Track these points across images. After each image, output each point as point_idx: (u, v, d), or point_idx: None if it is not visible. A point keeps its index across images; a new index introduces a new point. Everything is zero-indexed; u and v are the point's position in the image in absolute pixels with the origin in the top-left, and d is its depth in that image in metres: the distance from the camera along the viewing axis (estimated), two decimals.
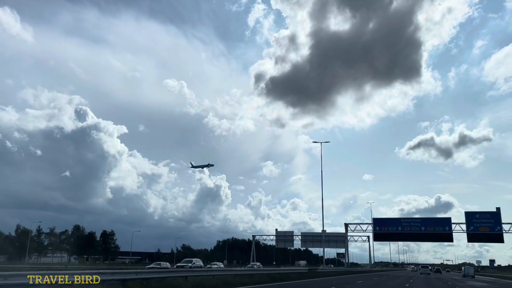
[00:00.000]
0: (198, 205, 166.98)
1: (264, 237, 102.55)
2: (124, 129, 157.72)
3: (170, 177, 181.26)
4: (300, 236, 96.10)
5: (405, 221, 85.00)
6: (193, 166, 56.08)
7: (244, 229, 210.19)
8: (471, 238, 79.57)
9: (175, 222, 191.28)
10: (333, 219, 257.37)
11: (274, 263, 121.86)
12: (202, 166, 60.94)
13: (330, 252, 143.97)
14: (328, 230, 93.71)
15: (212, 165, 65.94)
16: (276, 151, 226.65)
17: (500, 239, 78.20)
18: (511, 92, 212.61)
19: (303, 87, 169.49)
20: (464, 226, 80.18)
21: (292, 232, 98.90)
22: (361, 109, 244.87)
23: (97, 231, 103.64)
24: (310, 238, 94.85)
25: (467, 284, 38.51)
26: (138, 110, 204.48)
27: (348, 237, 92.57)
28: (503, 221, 77.85)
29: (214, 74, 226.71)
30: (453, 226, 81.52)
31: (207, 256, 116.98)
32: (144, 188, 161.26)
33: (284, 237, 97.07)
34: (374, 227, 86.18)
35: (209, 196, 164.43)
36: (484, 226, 78.32)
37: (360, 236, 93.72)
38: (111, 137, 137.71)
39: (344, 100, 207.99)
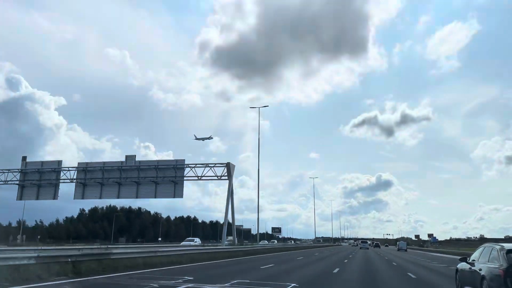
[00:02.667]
0: None
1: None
2: (62, 101, 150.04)
3: (114, 153, 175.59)
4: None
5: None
6: (196, 138, 56.32)
7: (192, 206, 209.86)
8: None
9: (119, 200, 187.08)
10: (280, 197, 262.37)
11: (159, 239, 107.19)
12: (203, 139, 60.97)
13: (265, 228, 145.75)
14: (275, 207, 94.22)
15: (211, 138, 67.13)
16: (225, 128, 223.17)
17: None
18: (451, 72, 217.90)
19: (249, 59, 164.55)
20: None
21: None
22: (308, 84, 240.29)
23: None
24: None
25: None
26: (78, 81, 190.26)
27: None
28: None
29: (159, 44, 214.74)
30: None
31: None
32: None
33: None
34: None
35: None
36: None
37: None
38: (48, 109, 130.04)
39: (291, 74, 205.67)
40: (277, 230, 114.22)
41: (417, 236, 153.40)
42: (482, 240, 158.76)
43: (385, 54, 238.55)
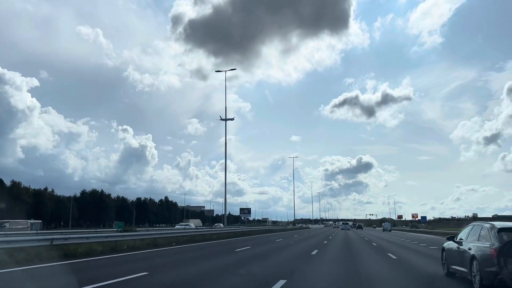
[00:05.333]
0: (122, 166, 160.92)
1: None
2: (35, 82, 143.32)
3: (91, 136, 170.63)
4: None
5: None
6: (221, 119, 56.19)
7: (173, 190, 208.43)
8: None
9: (97, 183, 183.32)
10: (261, 180, 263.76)
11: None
12: (227, 119, 61.51)
13: (233, 210, 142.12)
14: (257, 190, 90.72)
15: (233, 119, 67.42)
16: (205, 111, 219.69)
17: None
18: (434, 48, 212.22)
19: (225, 34, 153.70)
20: None
21: None
22: (288, 62, 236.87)
23: None
24: None
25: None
26: (50, 61, 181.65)
27: None
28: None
29: (133, 22, 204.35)
30: None
31: None
32: (61, 147, 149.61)
33: None
34: None
35: (134, 157, 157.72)
36: None
37: None
38: (19, 91, 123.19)
39: (270, 51, 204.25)
40: (246, 211, 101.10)
41: (400, 217, 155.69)
42: (476, 219, 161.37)
43: (366, 29, 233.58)
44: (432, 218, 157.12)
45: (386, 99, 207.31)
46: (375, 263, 15.28)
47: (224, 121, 53.02)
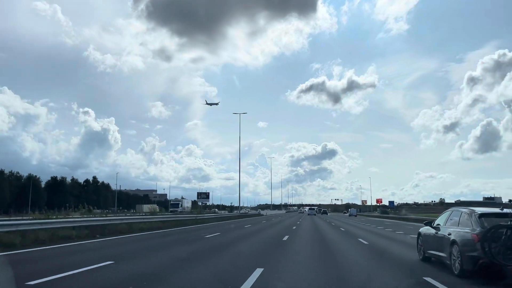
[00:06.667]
0: (84, 150, 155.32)
1: None
2: None
3: (50, 119, 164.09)
4: None
5: None
6: (207, 103, 55.22)
7: (137, 175, 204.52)
8: None
9: (57, 167, 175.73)
10: (227, 165, 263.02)
11: None
12: (212, 104, 60.30)
13: (193, 195, 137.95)
14: (223, 176, 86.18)
15: (218, 104, 66.00)
16: (170, 94, 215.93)
17: None
18: (400, 35, 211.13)
19: (190, 13, 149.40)
20: None
21: None
22: (255, 45, 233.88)
23: None
24: None
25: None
26: (5, 39, 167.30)
27: None
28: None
29: None
30: None
31: None
32: (18, 130, 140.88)
33: None
34: None
35: (96, 141, 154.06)
36: None
37: None
38: None
39: (236, 32, 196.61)
40: (203, 196, 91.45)
41: (364, 202, 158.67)
42: (444, 204, 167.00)
43: (334, 13, 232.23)
44: (396, 204, 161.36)
45: (352, 86, 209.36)
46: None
47: (207, 105, 52.20)
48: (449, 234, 9.04)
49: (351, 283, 8.10)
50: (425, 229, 11.01)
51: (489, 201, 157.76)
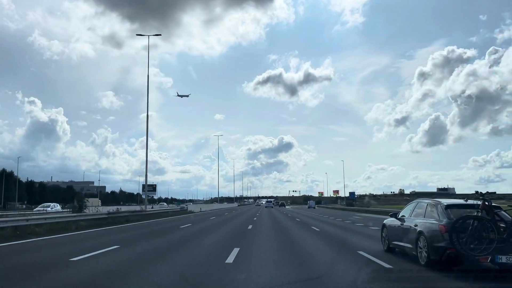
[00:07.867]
0: (29, 142, 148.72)
1: None
2: None
3: None
4: None
5: None
6: (178, 95, 53.65)
7: (88, 168, 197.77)
8: None
9: (1, 160, 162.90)
10: (184, 158, 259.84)
11: None
12: (182, 96, 58.88)
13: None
14: (178, 169, 77.27)
15: (188, 96, 64.18)
16: (122, 83, 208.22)
17: None
18: (355, 27, 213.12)
19: None
20: None
21: None
22: (211, 33, 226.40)
23: None
24: None
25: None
26: None
27: None
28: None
29: None
30: None
31: None
32: None
33: None
34: None
35: (43, 132, 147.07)
36: None
37: None
38: None
39: (191, 20, 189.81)
40: (150, 188, 75.04)
41: (320, 193, 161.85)
42: (403, 195, 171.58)
43: (291, 3, 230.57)
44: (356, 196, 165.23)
45: (308, 79, 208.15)
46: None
47: (179, 97, 50.74)
48: (415, 225, 9.06)
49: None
50: (390, 221, 11.05)
51: (443, 192, 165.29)
